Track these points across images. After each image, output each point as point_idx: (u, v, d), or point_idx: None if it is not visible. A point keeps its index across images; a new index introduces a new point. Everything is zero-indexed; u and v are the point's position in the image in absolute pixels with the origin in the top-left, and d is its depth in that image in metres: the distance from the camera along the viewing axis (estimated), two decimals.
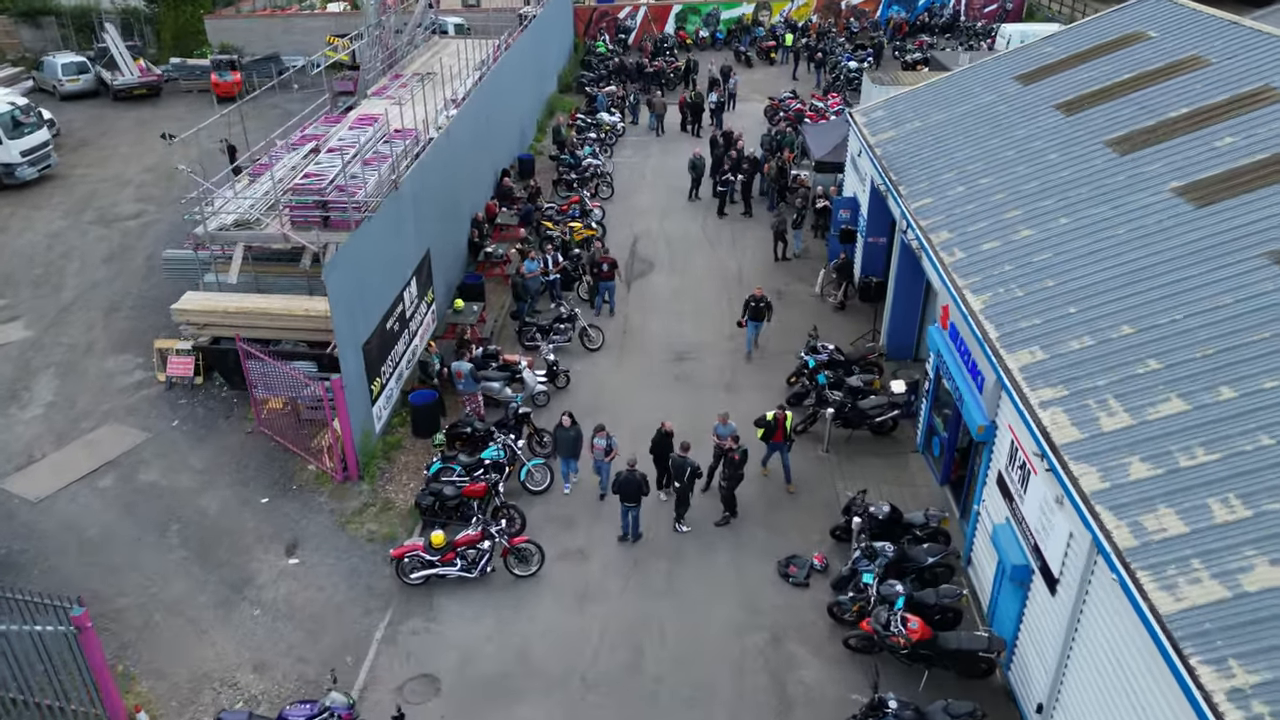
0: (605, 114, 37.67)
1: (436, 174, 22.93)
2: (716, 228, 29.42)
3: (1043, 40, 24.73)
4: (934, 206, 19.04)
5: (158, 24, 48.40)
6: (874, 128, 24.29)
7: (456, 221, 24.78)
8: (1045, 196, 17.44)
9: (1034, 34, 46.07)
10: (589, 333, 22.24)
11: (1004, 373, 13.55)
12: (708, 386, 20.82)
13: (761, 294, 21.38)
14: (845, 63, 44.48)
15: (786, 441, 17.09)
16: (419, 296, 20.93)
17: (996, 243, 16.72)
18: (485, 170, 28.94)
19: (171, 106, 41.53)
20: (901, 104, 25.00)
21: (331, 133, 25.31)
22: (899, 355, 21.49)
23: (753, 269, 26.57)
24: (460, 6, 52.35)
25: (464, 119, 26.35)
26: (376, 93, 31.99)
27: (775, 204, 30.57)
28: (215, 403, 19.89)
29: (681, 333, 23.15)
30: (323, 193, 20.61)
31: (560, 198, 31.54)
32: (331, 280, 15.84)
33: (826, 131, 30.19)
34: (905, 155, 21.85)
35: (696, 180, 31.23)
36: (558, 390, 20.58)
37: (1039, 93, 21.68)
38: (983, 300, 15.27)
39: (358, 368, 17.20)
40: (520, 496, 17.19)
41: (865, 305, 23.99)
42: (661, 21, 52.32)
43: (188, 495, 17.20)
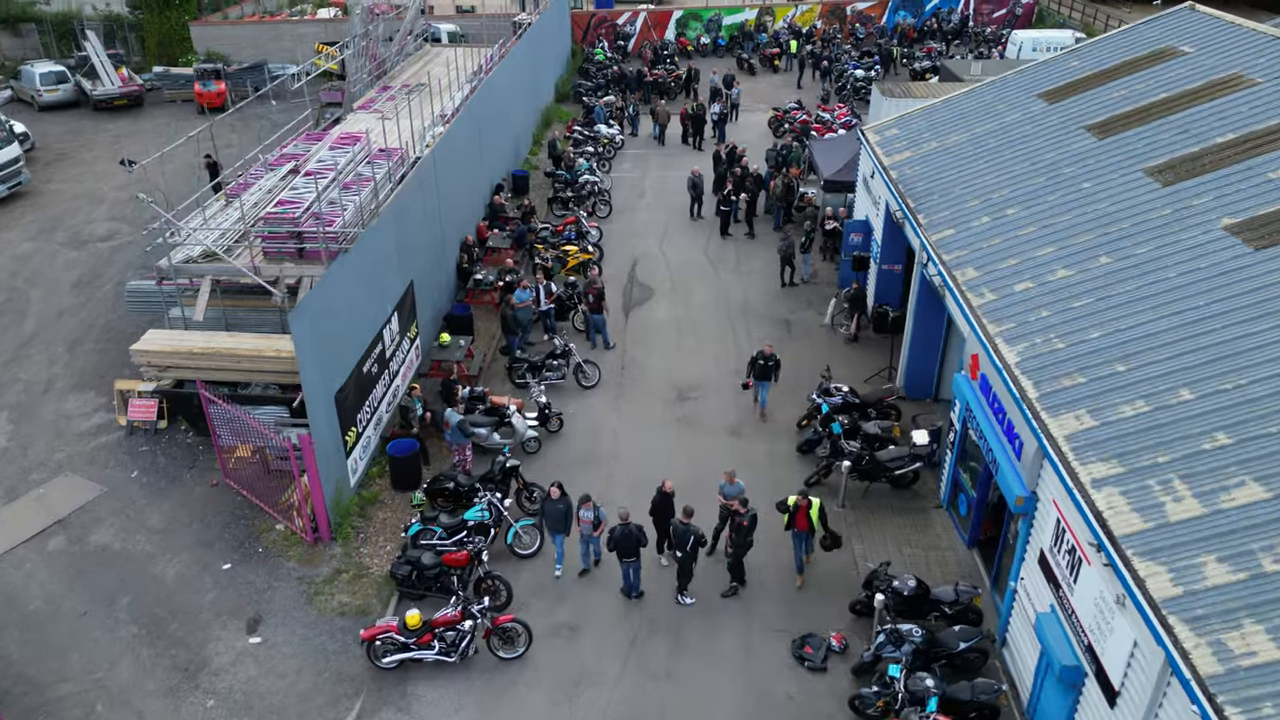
0: (603, 126, 36.19)
1: (423, 197, 21.44)
2: (719, 249, 27.93)
3: (1067, 54, 23.21)
4: (957, 239, 17.54)
5: (142, 31, 46.93)
6: (888, 148, 22.79)
7: (444, 246, 23.29)
8: (1082, 231, 15.94)
9: (1046, 41, 44.64)
10: (584, 369, 20.75)
11: (1047, 440, 12.05)
12: (712, 430, 19.32)
13: (771, 351, 19.20)
14: (852, 71, 43.01)
15: (810, 532, 15.13)
16: (401, 332, 19.43)
17: (1030, 283, 15.22)
18: (476, 189, 27.45)
19: (153, 118, 40.03)
20: (917, 121, 23.50)
21: (311, 152, 23.82)
22: (918, 395, 19.99)
23: (759, 295, 25.07)
24: (454, 13, 50.86)
25: (454, 135, 24.86)
26: (363, 106, 30.52)
27: (781, 223, 29.09)
28: (179, 450, 18.39)
29: (683, 368, 21.65)
30: (297, 222, 19.13)
31: (556, 217, 30.09)
32: (299, 327, 14.34)
33: (835, 148, 28.69)
34: (923, 179, 20.36)
35: (697, 199, 29.74)
36: (550, 434, 19.08)
37: (1067, 112, 20.18)
38: (1018, 352, 13.77)
39: (329, 420, 15.71)
40: (507, 560, 15.69)
41: (879, 337, 22.48)
42: (662, 28, 50.84)
43: (143, 561, 15.69)
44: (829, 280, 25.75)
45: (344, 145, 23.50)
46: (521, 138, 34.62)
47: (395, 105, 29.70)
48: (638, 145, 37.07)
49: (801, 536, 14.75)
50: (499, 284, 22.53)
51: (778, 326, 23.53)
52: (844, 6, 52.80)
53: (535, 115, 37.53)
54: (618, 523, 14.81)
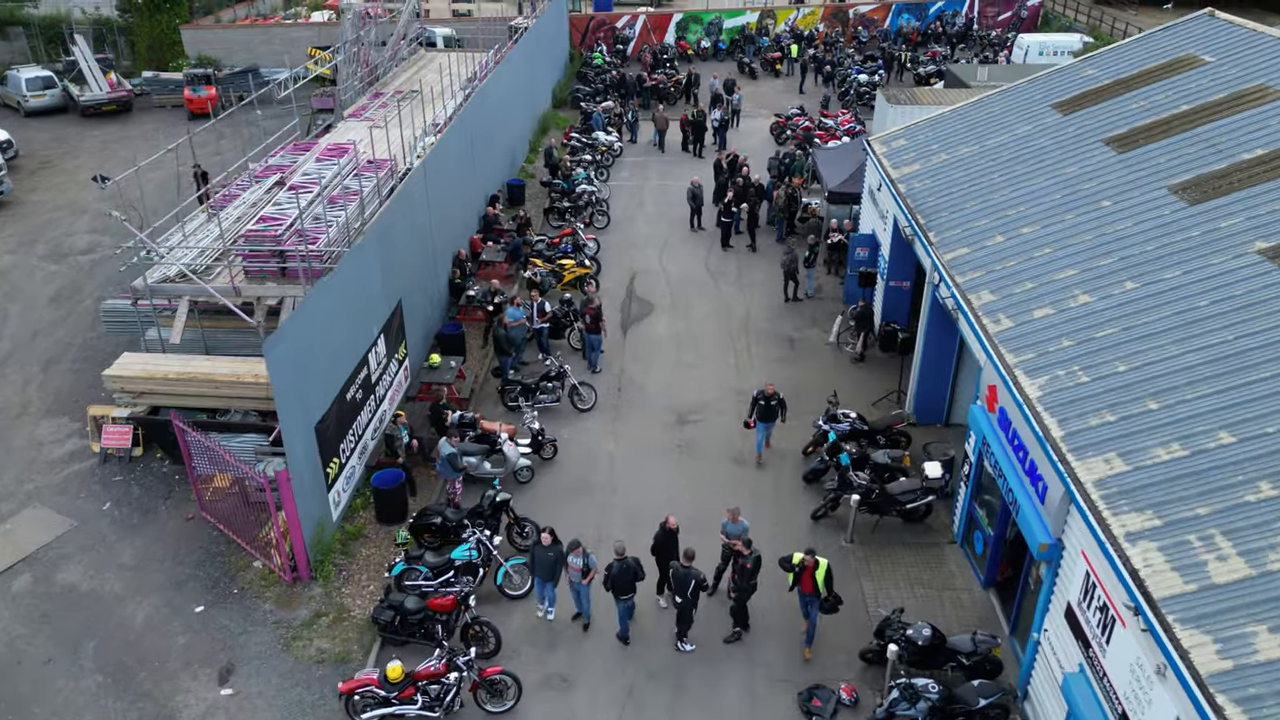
0: (601, 133, 35.33)
1: (412, 211, 20.60)
2: (720, 262, 27.08)
3: (1081, 62, 22.37)
4: (971, 259, 16.70)
5: (132, 35, 46.07)
6: (895, 160, 21.95)
7: (435, 261, 22.44)
8: (1104, 253, 15.10)
9: (1052, 45, 43.81)
10: (580, 391, 19.90)
11: (1074, 485, 11.20)
12: (714, 457, 18.48)
13: (773, 391, 17.77)
14: (855, 76, 42.16)
15: (816, 594, 13.67)
16: (388, 354, 18.59)
17: (1049, 310, 14.37)
18: (470, 200, 26.60)
19: (141, 124, 39.20)
20: (925, 132, 22.66)
21: (298, 164, 22.98)
22: (928, 419, 19.14)
23: (761, 311, 24.22)
24: (450, 16, 50.04)
25: (446, 145, 24.02)
26: (354, 114, 29.71)
27: (783, 235, 28.25)
28: (154, 480, 17.54)
29: (683, 389, 20.80)
30: (279, 240, 18.29)
31: (553, 228, 29.26)
32: (274, 357, 13.49)
33: (840, 157, 27.84)
34: (933, 194, 19.52)
35: (697, 210, 28.89)
36: (544, 460, 18.24)
37: (1083, 124, 19.35)
38: (1039, 386, 12.92)
39: (309, 453, 14.86)
40: (496, 602, 14.84)
41: (887, 356, 21.65)
42: (661, 31, 50.01)
43: (111, 603, 14.84)
44: (834, 295, 24.90)
45: (331, 157, 22.65)
46: (517, 145, 33.79)
47: (387, 113, 28.89)
48: (637, 152, 36.23)
49: (808, 599, 13.65)
50: (486, 306, 21.57)
51: (781, 344, 22.69)
52: (846, 9, 51.98)
53: (532, 122, 36.70)
54: (614, 558, 14.02)
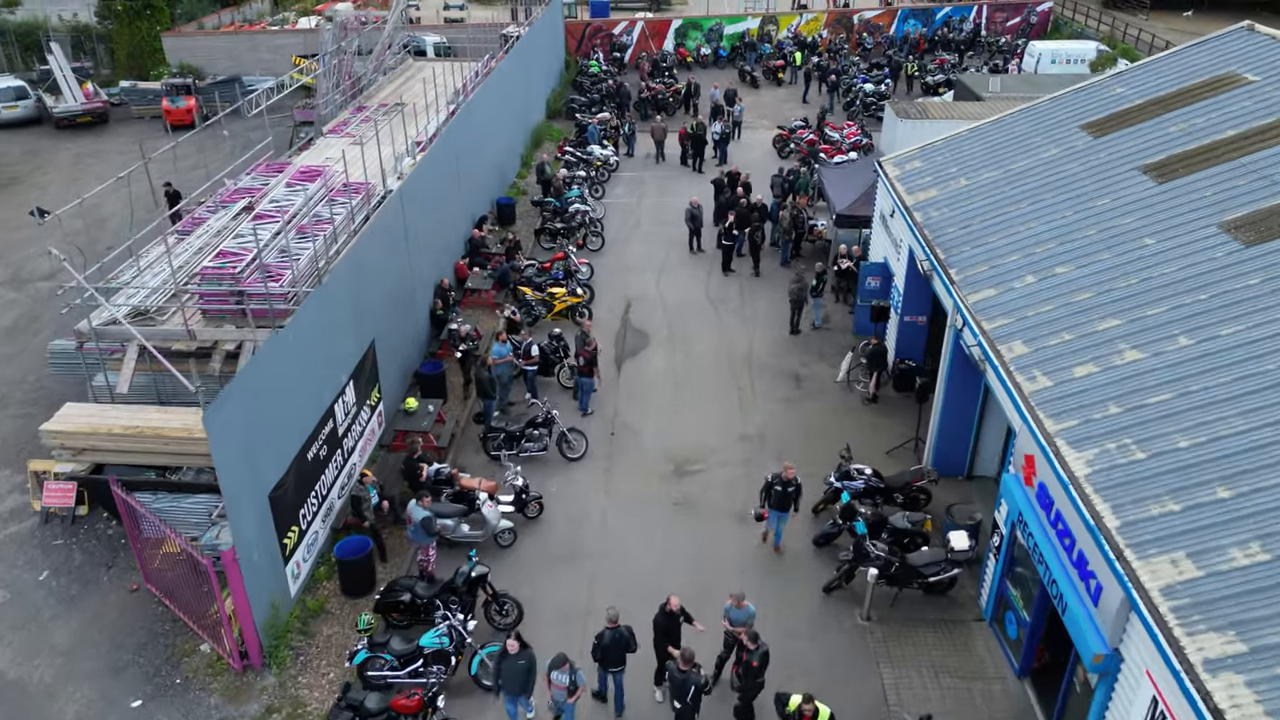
0: (597, 147, 33.75)
1: (388, 240, 19.03)
2: (721, 288, 25.49)
3: (1110, 79, 20.77)
4: (998, 302, 15.11)
5: (111, 42, 44.49)
6: (910, 184, 20.37)
7: (415, 293, 20.85)
8: (1150, 301, 13.51)
9: (1066, 52, 42.20)
10: (569, 439, 18.31)
11: (1136, 590, 9.62)
12: (715, 515, 16.89)
13: (792, 475, 15.39)
14: (860, 85, 40.59)
15: None
16: (359, 402, 17.00)
17: (1092, 367, 12.78)
18: (455, 223, 25.02)
19: (117, 136, 37.62)
20: (942, 153, 21.08)
21: (269, 187, 21.39)
22: (949, 472, 17.52)
23: (765, 344, 22.63)
24: (441, 23, 48.46)
25: (428, 167, 22.45)
26: (334, 129, 28.11)
27: (789, 258, 26.67)
28: (97, 545, 15.95)
29: (682, 434, 19.21)
30: (238, 278, 16.70)
31: (544, 249, 27.69)
32: (217, 426, 11.89)
33: (848, 177, 26.25)
34: (953, 225, 17.94)
35: (696, 231, 27.31)
36: (528, 520, 16.64)
37: (1117, 148, 17.76)
38: (1087, 461, 11.33)
39: (262, 526, 13.27)
40: (469, 695, 13.24)
41: (902, 396, 20.07)
42: (660, 38, 48.45)
43: (40, 697, 13.24)
44: (843, 326, 23.31)
45: (302, 182, 21.05)
46: (508, 161, 32.19)
47: (370, 128, 27.30)
48: (633, 166, 34.64)
49: None
50: (458, 352, 19.93)
51: (787, 381, 21.09)
52: (850, 15, 50.45)
53: (524, 135, 35.10)
54: (606, 625, 12.57)
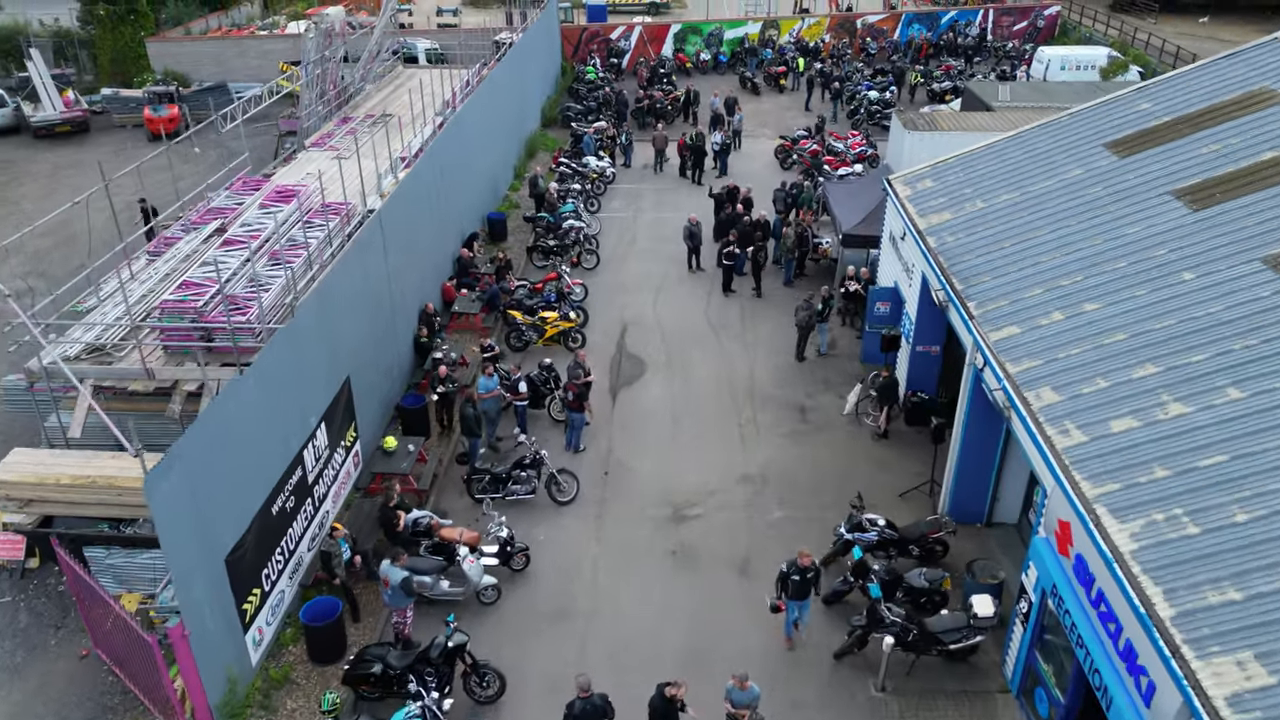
0: (593, 158, 32.55)
1: (368, 265, 17.83)
2: (722, 310, 24.29)
3: (1133, 93, 19.54)
4: (1023, 342, 13.91)
5: (94, 48, 43.28)
6: (922, 205, 19.17)
7: (396, 321, 19.66)
8: (1192, 345, 12.32)
9: (1076, 59, 40.99)
10: (559, 481, 17.10)
11: (1198, 698, 8.42)
12: (716, 566, 15.68)
13: (809, 562, 13.56)
14: (864, 92, 39.39)
15: None
16: (332, 444, 15.81)
17: (1133, 421, 11.59)
18: (442, 243, 23.81)
19: (98, 146, 36.40)
20: (955, 172, 19.88)
21: (242, 208, 20.19)
22: (967, 519, 16.31)
23: (768, 371, 21.42)
24: (435, 28, 47.25)
25: (414, 182, 21.26)
26: (317, 142, 26.92)
27: (792, 278, 25.47)
28: (47, 602, 14.75)
29: (680, 473, 18.02)
30: (201, 313, 15.50)
31: (536, 267, 26.49)
32: (160, 496, 10.67)
33: (854, 193, 25.04)
34: (971, 252, 16.75)
35: (695, 250, 26.10)
36: (513, 573, 15.44)
37: (1145, 170, 16.57)
38: (1133, 535, 10.13)
39: (216, 595, 12.07)
40: None
41: (913, 431, 18.90)
42: (659, 42, 47.24)
43: None
44: (849, 353, 22.11)
45: (278, 203, 19.83)
46: (500, 173, 30.97)
47: (355, 141, 26.13)
48: (630, 178, 33.44)
49: None
50: (435, 394, 18.45)
51: (791, 414, 19.89)
52: (854, 20, 49.28)
53: (518, 146, 33.89)
54: (577, 695, 11.51)
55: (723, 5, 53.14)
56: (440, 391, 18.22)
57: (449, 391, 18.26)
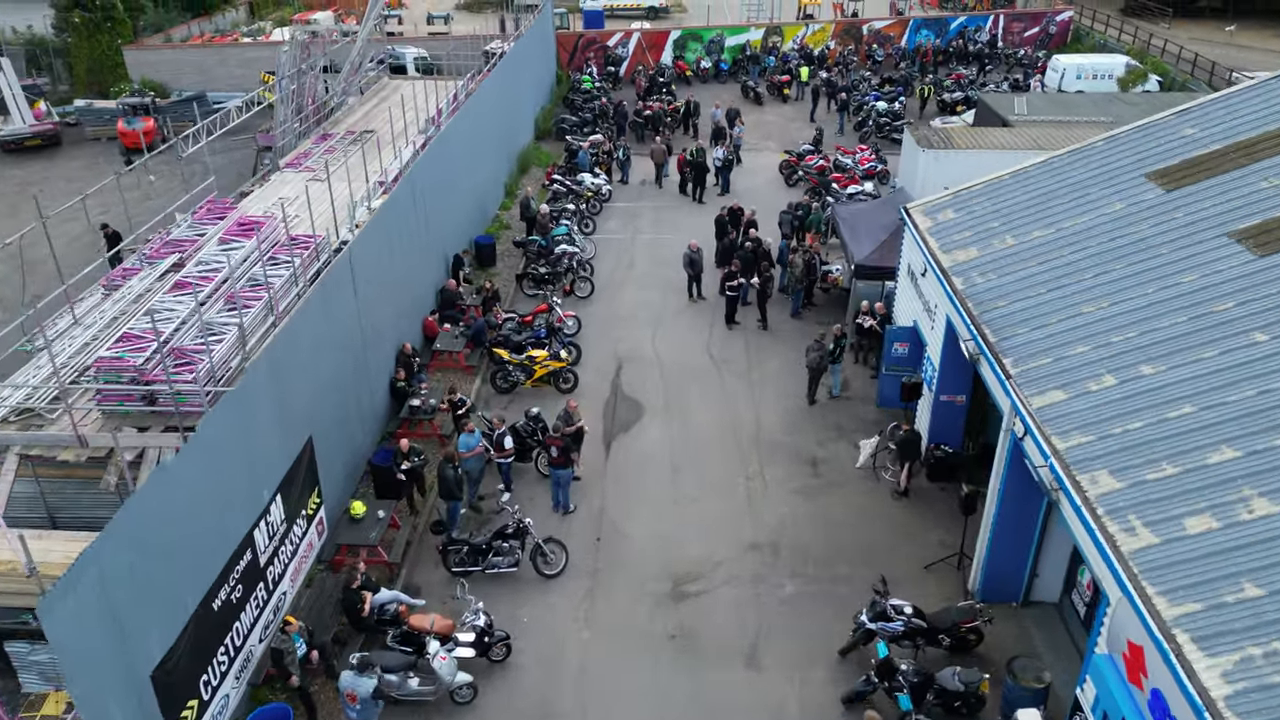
0: (588, 175, 30.84)
1: (334, 309, 16.14)
2: (725, 344, 22.58)
3: (1175, 117, 17.81)
4: (1072, 410, 12.22)
5: (69, 56, 41.58)
6: (945, 239, 17.49)
7: (369, 366, 17.98)
8: (1273, 423, 10.62)
9: (1093, 67, 39.23)
10: (545, 552, 15.40)
11: None
12: (720, 656, 13.96)
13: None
14: (873, 103, 37.69)
15: None
16: (290, 517, 14.10)
17: (1211, 521, 9.90)
18: (423, 274, 22.08)
19: (69, 161, 34.74)
20: (980, 201, 18.20)
21: (203, 241, 18.49)
22: (1001, 597, 14.60)
23: (776, 415, 19.73)
24: (426, 35, 45.53)
25: (392, 210, 19.58)
26: (293, 162, 25.24)
27: (800, 308, 23.76)
28: None
29: (681, 539, 16.31)
30: (142, 371, 13.79)
31: (527, 295, 24.80)
32: (57, 623, 8.95)
33: (866, 219, 23.31)
34: (1003, 297, 15.07)
35: (695, 277, 24.40)
36: (492, 664, 13.73)
37: (1196, 206, 14.90)
38: (1225, 673, 8.43)
39: (142, 716, 10.34)
40: None
41: (936, 489, 17.22)
42: (658, 50, 45.55)
43: None
44: (864, 395, 20.40)
45: (240, 237, 18.11)
46: (489, 192, 29.25)
47: (334, 161, 24.45)
48: (628, 195, 31.73)
49: None
50: (400, 472, 16.15)
51: (802, 466, 18.21)
52: (860, 26, 47.59)
53: (509, 161, 32.17)
54: None
55: (724, 11, 51.51)
56: (406, 470, 16.15)
57: (416, 469, 16.20)
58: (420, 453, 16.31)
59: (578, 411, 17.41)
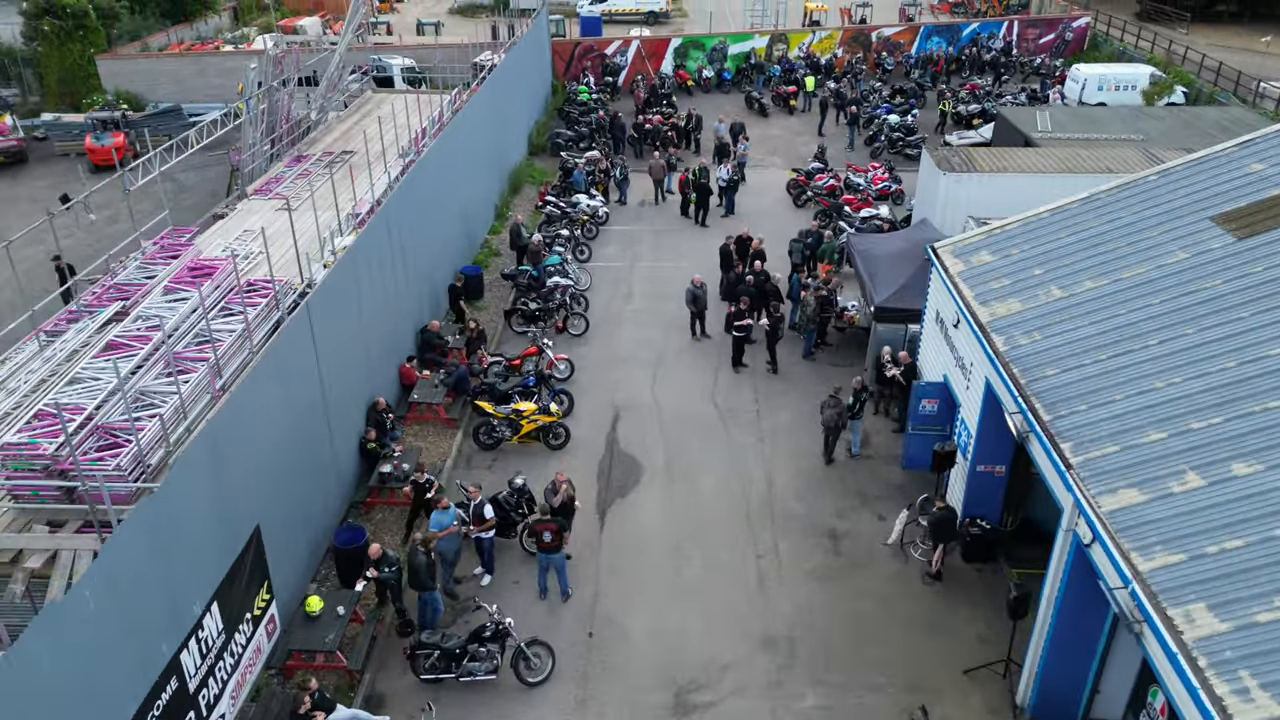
0: (584, 196, 28.87)
1: (290, 369, 14.19)
2: (732, 391, 20.61)
3: (1239, 150, 15.84)
4: (1150, 517, 10.26)
5: (39, 67, 39.61)
6: (981, 288, 15.55)
7: (331, 429, 16.00)
8: None
9: (1115, 78, 37.16)
10: (528, 656, 13.41)
11: None
12: None
13: None
14: (884, 116, 35.70)
15: None
16: (230, 626, 12.13)
17: None
18: (399, 316, 20.03)
19: (34, 180, 32.76)
20: (1018, 242, 16.26)
21: (150, 286, 16.52)
22: (1055, 715, 12.64)
23: (789, 478, 17.78)
24: (416, 42, 43.50)
25: (366, 247, 17.63)
26: (262, 189, 23.27)
27: (813, 348, 21.79)
28: None
29: (684, 635, 14.34)
30: (55, 459, 11.83)
31: (516, 331, 22.83)
32: None
33: (885, 250, 21.33)
34: (1054, 363, 13.13)
35: (699, 314, 22.43)
36: None
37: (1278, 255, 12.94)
38: None
39: None
40: None
41: (972, 570, 15.27)
42: (658, 58, 43.55)
43: None
44: (887, 453, 18.43)
45: (189, 285, 16.13)
46: (478, 215, 27.23)
47: (307, 186, 22.51)
48: (626, 217, 29.75)
49: None
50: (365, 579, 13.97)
51: (821, 541, 16.24)
52: (868, 33, 45.57)
53: (500, 181, 30.19)
54: None
55: (727, 18, 49.54)
56: (371, 578, 13.98)
57: (386, 580, 14.04)
58: (394, 562, 14.11)
59: (568, 487, 15.41)
